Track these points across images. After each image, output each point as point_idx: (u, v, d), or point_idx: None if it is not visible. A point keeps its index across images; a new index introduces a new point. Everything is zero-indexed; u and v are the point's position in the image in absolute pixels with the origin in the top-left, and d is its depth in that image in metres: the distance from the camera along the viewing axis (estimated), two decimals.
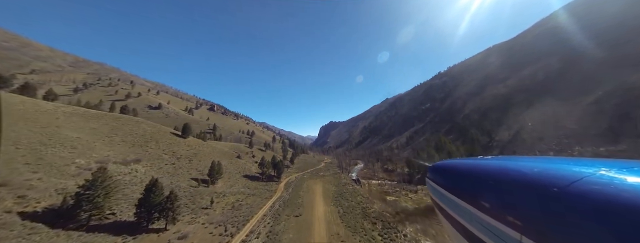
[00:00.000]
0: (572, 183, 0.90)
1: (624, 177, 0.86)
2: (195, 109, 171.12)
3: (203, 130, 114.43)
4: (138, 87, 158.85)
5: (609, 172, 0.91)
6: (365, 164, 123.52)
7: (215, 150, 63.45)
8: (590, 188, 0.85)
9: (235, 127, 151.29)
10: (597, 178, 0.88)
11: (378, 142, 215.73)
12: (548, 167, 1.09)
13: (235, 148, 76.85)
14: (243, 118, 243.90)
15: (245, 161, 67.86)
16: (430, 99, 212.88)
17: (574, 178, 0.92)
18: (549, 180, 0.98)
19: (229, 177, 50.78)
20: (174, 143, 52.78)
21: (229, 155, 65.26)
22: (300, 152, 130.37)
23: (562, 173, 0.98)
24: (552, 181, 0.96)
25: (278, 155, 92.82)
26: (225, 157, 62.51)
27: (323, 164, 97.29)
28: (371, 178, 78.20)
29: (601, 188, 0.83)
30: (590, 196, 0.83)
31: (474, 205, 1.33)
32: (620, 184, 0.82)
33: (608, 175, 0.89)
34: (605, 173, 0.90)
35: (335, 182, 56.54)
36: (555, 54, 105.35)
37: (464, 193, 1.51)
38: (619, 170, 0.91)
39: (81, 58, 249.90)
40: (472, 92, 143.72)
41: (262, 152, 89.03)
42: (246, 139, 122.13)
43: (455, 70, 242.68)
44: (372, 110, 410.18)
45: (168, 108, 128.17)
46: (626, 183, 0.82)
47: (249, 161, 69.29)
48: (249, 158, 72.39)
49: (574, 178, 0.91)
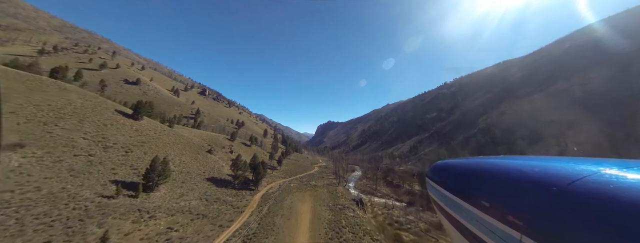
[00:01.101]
0: (573, 183, 0.89)
1: (625, 177, 0.85)
2: (184, 90, 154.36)
3: (183, 114, 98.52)
4: (120, 59, 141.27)
5: (609, 171, 0.90)
6: (364, 172, 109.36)
7: (179, 140, 48.01)
8: (590, 188, 0.84)
9: (225, 115, 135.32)
10: (597, 178, 0.87)
11: (377, 148, 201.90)
12: (548, 166, 1.08)
13: (210, 139, 61.48)
14: (237, 107, 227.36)
15: (219, 157, 52.63)
16: (436, 109, 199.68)
17: (575, 177, 0.91)
18: (549, 179, 0.98)
19: (183, 181, 35.59)
20: (112, 126, 37.22)
21: (198, 148, 49.92)
22: (293, 151, 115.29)
23: (562, 173, 0.97)
24: (553, 180, 0.96)
25: (265, 153, 77.72)
26: (191, 150, 47.19)
27: (316, 168, 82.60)
28: (373, 193, 63.70)
29: (602, 187, 0.82)
30: (591, 195, 0.82)
31: (474, 205, 1.31)
32: (620, 184, 0.81)
33: (609, 174, 0.88)
34: (606, 172, 0.89)
35: (331, 200, 41.86)
36: (595, 70, 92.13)
37: (465, 193, 1.49)
38: (619, 170, 0.90)
39: (69, 23, 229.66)
40: (488, 105, 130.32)
41: (245, 147, 73.75)
42: (233, 129, 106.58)
43: (465, 81, 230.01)
44: (372, 114, 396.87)
45: (149, 85, 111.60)
46: (627, 182, 0.81)
47: (223, 157, 54.04)
48: (224, 153, 57.10)
49: (574, 178, 0.91)
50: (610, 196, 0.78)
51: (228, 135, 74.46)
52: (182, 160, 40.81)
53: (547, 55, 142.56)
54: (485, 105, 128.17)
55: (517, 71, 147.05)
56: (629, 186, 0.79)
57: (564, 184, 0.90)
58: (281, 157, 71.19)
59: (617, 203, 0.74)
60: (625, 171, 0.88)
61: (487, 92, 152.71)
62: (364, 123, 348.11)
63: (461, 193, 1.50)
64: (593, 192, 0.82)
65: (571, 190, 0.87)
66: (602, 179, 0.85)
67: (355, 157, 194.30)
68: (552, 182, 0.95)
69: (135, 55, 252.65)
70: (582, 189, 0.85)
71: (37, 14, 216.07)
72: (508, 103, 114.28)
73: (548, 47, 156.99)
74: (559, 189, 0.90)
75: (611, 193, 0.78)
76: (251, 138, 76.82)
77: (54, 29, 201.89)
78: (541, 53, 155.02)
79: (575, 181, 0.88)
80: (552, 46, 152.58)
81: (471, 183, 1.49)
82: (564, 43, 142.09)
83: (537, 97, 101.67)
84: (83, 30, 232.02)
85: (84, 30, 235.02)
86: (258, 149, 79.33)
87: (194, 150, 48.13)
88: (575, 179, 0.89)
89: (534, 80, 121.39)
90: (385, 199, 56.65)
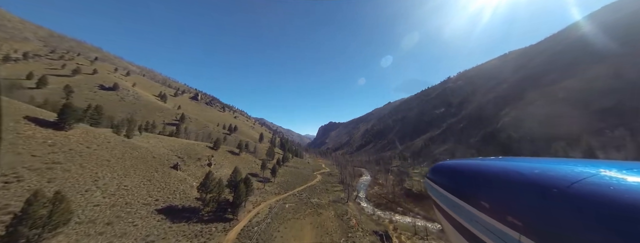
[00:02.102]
0: (572, 184, 0.88)
1: (624, 178, 0.84)
2: (174, 96, 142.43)
3: (165, 120, 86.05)
4: (102, 65, 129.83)
5: (609, 173, 0.89)
6: (374, 176, 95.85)
7: (129, 155, 35.05)
8: (590, 189, 0.83)
9: (217, 120, 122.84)
10: (597, 180, 0.86)
11: (383, 148, 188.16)
12: (548, 168, 1.07)
13: (184, 149, 48.60)
14: (234, 111, 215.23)
15: (189, 174, 39.65)
16: (444, 104, 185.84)
17: (574, 179, 0.90)
18: (549, 180, 0.97)
19: (110, 221, 22.55)
20: (11, 139, 24.45)
21: (157, 164, 36.95)
22: (292, 156, 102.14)
23: (562, 174, 0.96)
24: (552, 182, 0.95)
25: (256, 161, 64.69)
26: (145, 168, 34.18)
27: (319, 177, 69.29)
28: (392, 207, 50.17)
29: (601, 189, 0.82)
30: (591, 197, 0.81)
31: (474, 206, 1.31)
32: (620, 185, 0.81)
33: (608, 176, 0.87)
34: (606, 174, 0.88)
35: (341, 232, 28.62)
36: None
37: (464, 193, 1.49)
38: (619, 171, 0.89)
39: (57, 33, 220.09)
40: (506, 96, 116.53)
41: (232, 156, 60.76)
42: (223, 135, 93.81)
43: (472, 74, 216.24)
44: (374, 113, 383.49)
45: (129, 90, 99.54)
46: (626, 184, 0.81)
47: (195, 174, 41.03)
48: (198, 167, 44.05)
49: (574, 179, 0.90)
50: (609, 198, 0.77)
51: (211, 142, 61.55)
52: (121, 185, 27.82)
53: (565, 40, 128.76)
54: (505, 96, 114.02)
55: (535, 56, 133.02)
56: (629, 188, 0.78)
57: (563, 186, 0.89)
58: (276, 165, 58.11)
59: (617, 205, 0.74)
60: (624, 173, 0.87)
61: (501, 82, 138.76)
62: (367, 123, 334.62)
63: (461, 194, 1.49)
64: (592, 193, 0.82)
65: (571, 191, 0.86)
66: (601, 181, 0.85)
67: (360, 158, 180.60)
68: (552, 183, 0.94)
69: (127, 63, 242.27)
70: (582, 191, 0.84)
71: (24, 26, 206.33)
72: (535, 93, 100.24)
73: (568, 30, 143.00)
74: (558, 191, 0.89)
75: (610, 195, 0.78)
76: (240, 145, 64.03)
77: (40, 39, 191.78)
78: (566, 37, 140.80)
79: (575, 183, 0.88)
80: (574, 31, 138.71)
81: (471, 184, 1.48)
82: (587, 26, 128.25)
83: (568, 85, 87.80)
84: (71, 40, 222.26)
85: (72, 39, 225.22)
86: (249, 157, 66.33)
87: (151, 167, 35.13)
88: (574, 181, 0.89)
89: (558, 66, 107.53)
90: (411, 217, 43.12)
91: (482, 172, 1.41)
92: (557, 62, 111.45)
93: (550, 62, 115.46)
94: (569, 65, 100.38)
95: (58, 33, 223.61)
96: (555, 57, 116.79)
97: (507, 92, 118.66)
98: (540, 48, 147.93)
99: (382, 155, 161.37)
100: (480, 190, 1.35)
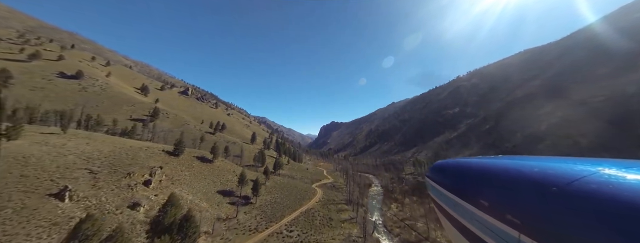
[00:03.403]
0: (572, 183, 0.87)
1: (624, 177, 0.83)
2: (161, 89, 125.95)
3: (133, 115, 69.24)
4: (77, 53, 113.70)
5: (608, 171, 0.88)
6: (385, 186, 78.28)
7: None
8: (590, 188, 0.82)
9: (204, 117, 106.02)
10: (597, 178, 0.85)
11: (390, 150, 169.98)
12: (548, 166, 1.06)
13: (115, 157, 31.39)
14: (231, 108, 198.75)
15: (87, 206, 22.42)
16: (458, 103, 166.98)
17: (574, 177, 0.89)
18: (548, 179, 0.96)
19: None
20: None
21: (21, 191, 19.64)
22: (288, 160, 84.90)
23: (561, 173, 0.95)
24: (552, 180, 0.94)
25: (234, 172, 47.20)
26: None
27: (319, 193, 51.69)
28: (421, 241, 32.47)
29: (601, 187, 0.80)
30: (590, 195, 0.80)
31: (473, 204, 1.30)
32: (620, 184, 0.79)
33: (608, 174, 0.86)
34: (605, 172, 0.87)
35: None
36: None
37: (464, 192, 1.48)
38: (618, 170, 0.88)
39: (48, 24, 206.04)
40: (538, 93, 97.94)
41: (202, 164, 43.46)
42: (201, 135, 76.83)
43: (487, 71, 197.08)
44: (378, 113, 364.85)
45: (97, 80, 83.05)
46: (626, 182, 0.80)
47: (103, 204, 23.74)
48: (120, 190, 26.54)
49: (573, 178, 0.89)
50: (609, 196, 0.76)
51: (184, 144, 44.09)
52: None
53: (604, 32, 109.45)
54: (544, 93, 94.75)
55: (574, 46, 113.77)
56: (628, 186, 0.77)
57: (563, 184, 0.88)
58: (264, 177, 40.68)
59: (616, 203, 0.73)
60: (624, 171, 0.86)
61: (532, 78, 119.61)
62: (370, 123, 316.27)
63: (461, 193, 1.48)
64: (592, 192, 0.80)
65: (570, 190, 0.85)
66: (601, 179, 0.84)
67: (366, 161, 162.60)
68: (552, 181, 0.93)
69: (121, 56, 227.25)
70: (581, 189, 0.83)
71: (12, 15, 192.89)
72: (580, 88, 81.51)
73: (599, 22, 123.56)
74: (558, 189, 0.88)
75: (610, 194, 0.77)
76: (215, 149, 46.48)
77: (27, 29, 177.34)
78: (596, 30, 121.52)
79: (575, 181, 0.87)
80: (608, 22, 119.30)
81: (471, 183, 1.46)
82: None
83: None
84: (63, 31, 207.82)
85: (64, 31, 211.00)
86: (227, 166, 49.03)
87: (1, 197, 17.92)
88: (574, 179, 0.87)
89: (596, 59, 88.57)
90: None
91: (482, 171, 1.40)
92: (591, 54, 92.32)
93: (594, 55, 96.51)
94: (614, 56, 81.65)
95: (50, 24, 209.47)
96: (592, 49, 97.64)
97: (543, 89, 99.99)
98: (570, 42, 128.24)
99: (390, 158, 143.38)
100: (480, 189, 1.33)
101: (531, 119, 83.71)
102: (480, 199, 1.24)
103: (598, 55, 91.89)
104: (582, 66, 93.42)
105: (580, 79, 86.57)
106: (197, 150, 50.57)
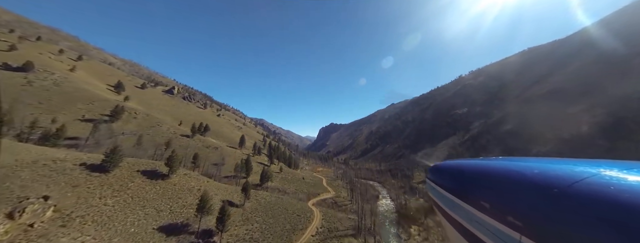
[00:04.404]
0: (573, 184, 0.86)
1: (625, 178, 0.82)
2: (141, 88, 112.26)
3: (85, 114, 55.69)
4: (36, 44, 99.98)
5: (609, 173, 0.87)
6: (393, 196, 65.22)
7: None
8: (591, 189, 0.81)
9: (188, 118, 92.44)
10: (598, 179, 0.84)
11: (394, 153, 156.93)
12: (549, 168, 1.04)
13: None
14: (225, 109, 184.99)
15: None
16: (466, 103, 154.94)
17: (575, 179, 0.87)
18: (549, 180, 0.94)
19: None
20: None
21: None
22: (282, 166, 71.56)
23: (562, 174, 0.94)
24: (553, 182, 0.92)
25: (201, 190, 33.57)
26: None
27: (318, 216, 38.24)
28: None
29: (602, 189, 0.79)
30: (591, 197, 0.79)
31: (474, 206, 1.28)
32: (621, 185, 0.78)
33: (609, 176, 0.85)
34: (606, 174, 0.86)
35: None
36: None
37: (465, 193, 1.45)
38: (619, 171, 0.87)
39: (27, 19, 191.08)
40: (564, 89, 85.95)
41: (150, 183, 29.91)
42: (183, 138, 63.31)
43: (493, 69, 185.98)
44: (378, 115, 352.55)
45: (54, 74, 69.42)
46: (627, 184, 0.78)
47: None
48: None
49: (574, 179, 0.87)
50: (610, 198, 0.75)
51: (111, 154, 30.55)
52: None
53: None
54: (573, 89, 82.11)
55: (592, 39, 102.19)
56: (629, 188, 0.76)
57: (564, 186, 0.87)
58: (226, 212, 27.33)
59: (618, 205, 0.72)
60: (625, 173, 0.85)
61: (555, 73, 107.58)
62: (370, 125, 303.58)
63: (461, 195, 1.46)
64: (593, 193, 0.79)
65: (571, 191, 0.84)
66: (602, 181, 0.82)
67: (368, 165, 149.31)
68: (553, 183, 0.92)
69: (108, 54, 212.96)
70: (583, 191, 0.82)
71: None
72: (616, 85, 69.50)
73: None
74: (559, 191, 0.87)
75: (611, 195, 0.76)
76: (172, 160, 32.87)
77: (1, 24, 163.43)
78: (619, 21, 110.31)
79: (576, 182, 0.85)
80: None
81: (471, 185, 1.44)
82: None
83: None
84: (43, 27, 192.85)
85: (45, 26, 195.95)
86: (190, 183, 35.57)
87: None
88: (575, 181, 0.86)
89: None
90: None
91: (483, 172, 1.37)
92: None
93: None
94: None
95: (29, 19, 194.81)
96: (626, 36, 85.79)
97: (567, 84, 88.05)
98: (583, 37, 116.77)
99: (395, 163, 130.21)
100: (481, 190, 1.31)
101: (559, 119, 71.54)
102: (481, 201, 1.22)
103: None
104: (611, 59, 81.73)
105: (614, 73, 74.86)
106: (149, 161, 37.03)
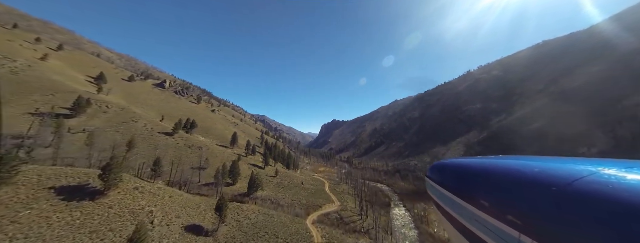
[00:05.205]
0: (572, 183, 0.85)
1: (625, 177, 0.82)
2: (129, 80, 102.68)
3: (54, 104, 46.07)
4: (18, 33, 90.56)
5: (609, 171, 0.86)
6: (408, 206, 55.01)
7: None
8: (590, 188, 0.81)
9: (176, 113, 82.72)
10: (597, 178, 0.84)
11: (401, 152, 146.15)
12: (548, 167, 1.04)
13: None
14: (224, 105, 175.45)
15: None
16: (480, 98, 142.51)
17: (574, 178, 0.87)
18: (549, 179, 0.94)
19: None
20: None
21: None
22: (276, 170, 61.53)
23: (562, 173, 0.94)
24: (552, 180, 0.92)
25: (152, 213, 23.46)
26: None
27: (317, 240, 28.35)
28: None
29: (601, 188, 0.79)
30: (590, 196, 0.79)
31: (474, 204, 1.27)
32: (620, 184, 0.78)
33: (608, 175, 0.85)
34: (606, 173, 0.86)
35: None
36: None
37: (464, 192, 1.45)
38: (619, 170, 0.87)
39: (17, 11, 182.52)
40: (609, 80, 73.72)
41: (64, 207, 19.88)
42: (161, 136, 53.51)
43: (506, 63, 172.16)
44: (381, 111, 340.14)
45: (15, 61, 59.79)
46: (626, 183, 0.78)
47: None
48: None
49: (574, 178, 0.87)
50: (609, 196, 0.75)
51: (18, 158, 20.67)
52: None
53: None
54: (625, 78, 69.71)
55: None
56: (629, 187, 0.76)
57: (563, 184, 0.87)
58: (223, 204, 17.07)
59: (617, 204, 0.72)
60: (625, 172, 0.85)
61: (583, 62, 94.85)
62: (374, 122, 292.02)
63: (461, 193, 1.45)
64: (593, 192, 0.79)
65: (571, 190, 0.84)
66: (601, 180, 0.82)
67: (373, 164, 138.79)
68: (552, 182, 0.91)
69: (103, 48, 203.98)
70: (582, 189, 0.82)
71: None
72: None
73: None
74: (558, 189, 0.87)
75: (611, 194, 0.75)
76: (108, 168, 23.07)
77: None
78: None
79: (575, 181, 0.85)
80: None
81: (471, 183, 1.43)
82: None
83: None
84: (34, 19, 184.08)
85: (36, 18, 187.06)
86: (139, 205, 25.52)
87: None
88: (574, 179, 0.86)
89: None
90: None
91: (482, 171, 1.37)
92: None
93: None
94: None
95: (21, 11, 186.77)
96: None
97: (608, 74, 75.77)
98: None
99: (404, 163, 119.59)
100: (480, 189, 1.30)
101: (607, 115, 59.93)
102: (481, 199, 1.21)
103: None
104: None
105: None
106: (81, 170, 26.95)
